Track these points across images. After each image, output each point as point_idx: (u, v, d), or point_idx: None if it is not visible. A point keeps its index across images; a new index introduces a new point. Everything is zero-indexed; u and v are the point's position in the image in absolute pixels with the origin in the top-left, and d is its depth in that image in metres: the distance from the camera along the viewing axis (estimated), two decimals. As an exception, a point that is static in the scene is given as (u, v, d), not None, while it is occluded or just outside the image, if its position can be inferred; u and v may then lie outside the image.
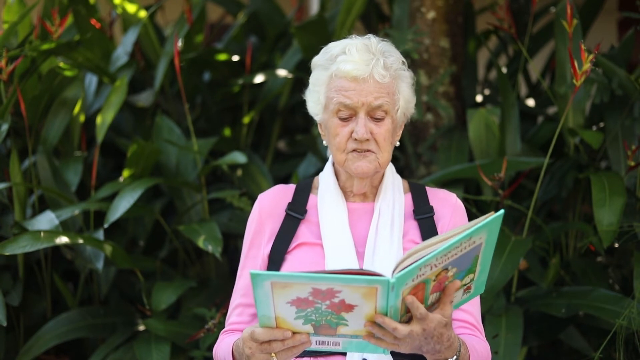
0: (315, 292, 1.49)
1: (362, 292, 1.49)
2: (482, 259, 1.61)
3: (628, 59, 3.07)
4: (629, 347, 2.46)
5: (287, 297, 1.51)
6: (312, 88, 1.94)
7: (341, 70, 1.84)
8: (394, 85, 1.87)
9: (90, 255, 2.71)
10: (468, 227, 1.54)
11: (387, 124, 1.86)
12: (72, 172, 2.99)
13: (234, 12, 3.96)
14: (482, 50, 3.75)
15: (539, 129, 3.13)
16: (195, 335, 2.59)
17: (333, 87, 1.87)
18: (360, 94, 1.83)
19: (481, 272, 1.63)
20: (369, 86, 1.83)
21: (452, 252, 1.52)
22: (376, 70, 1.84)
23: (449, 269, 1.55)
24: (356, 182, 1.94)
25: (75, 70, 3.04)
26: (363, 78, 1.83)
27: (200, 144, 3.11)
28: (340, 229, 1.89)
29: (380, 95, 1.84)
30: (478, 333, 1.89)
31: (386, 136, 1.86)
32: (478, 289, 1.67)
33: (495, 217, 1.55)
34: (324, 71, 1.89)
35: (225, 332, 1.95)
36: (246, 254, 1.97)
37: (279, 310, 1.54)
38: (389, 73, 1.86)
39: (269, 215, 1.96)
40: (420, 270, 1.50)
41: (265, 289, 1.50)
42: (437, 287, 1.57)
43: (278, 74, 3.33)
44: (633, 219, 2.61)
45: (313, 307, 1.52)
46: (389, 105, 1.86)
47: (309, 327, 1.56)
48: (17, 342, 2.84)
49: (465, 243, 1.54)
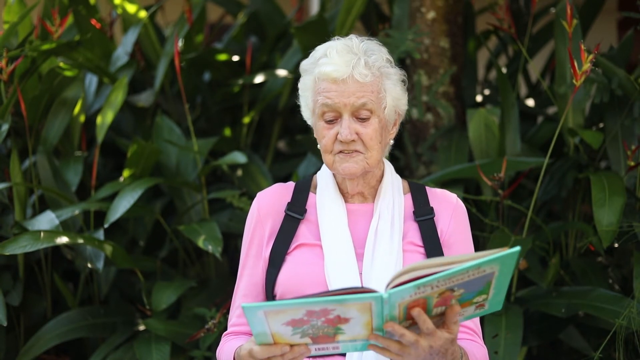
0: (310, 312, 1.49)
1: (357, 308, 1.49)
2: (496, 284, 1.56)
3: (628, 59, 3.07)
4: (629, 347, 2.46)
5: (282, 320, 1.51)
6: (301, 93, 1.95)
7: (322, 72, 1.84)
8: (377, 83, 1.86)
9: (91, 255, 2.71)
10: (478, 257, 1.49)
11: (373, 123, 1.85)
12: (72, 172, 2.99)
13: (234, 12, 3.97)
14: (482, 50, 3.75)
15: (538, 129, 3.14)
16: (195, 335, 2.59)
17: (317, 90, 1.87)
18: (342, 95, 1.83)
19: (496, 294, 1.59)
20: (350, 87, 1.83)
21: (456, 277, 1.49)
22: (357, 70, 1.83)
23: (454, 289, 1.52)
24: (349, 183, 1.93)
25: (76, 70, 3.04)
26: (343, 79, 1.82)
27: (200, 144, 3.12)
28: (339, 231, 1.88)
29: (362, 94, 1.83)
30: (477, 337, 1.89)
31: (373, 135, 1.85)
32: (494, 306, 1.62)
33: (509, 253, 1.50)
34: (309, 75, 1.90)
35: (228, 334, 1.94)
36: (246, 253, 1.96)
37: (275, 330, 1.53)
38: (371, 72, 1.85)
39: (267, 214, 1.95)
40: (418, 289, 1.48)
41: (259, 317, 1.49)
42: (442, 302, 1.55)
43: (278, 74, 3.33)
44: (633, 219, 2.61)
45: (309, 324, 1.52)
46: (374, 104, 1.84)
47: (307, 339, 1.55)
48: (17, 342, 2.84)
49: (474, 271, 1.50)
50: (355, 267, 1.83)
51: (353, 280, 1.81)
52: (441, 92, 3.27)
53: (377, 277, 1.80)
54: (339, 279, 1.81)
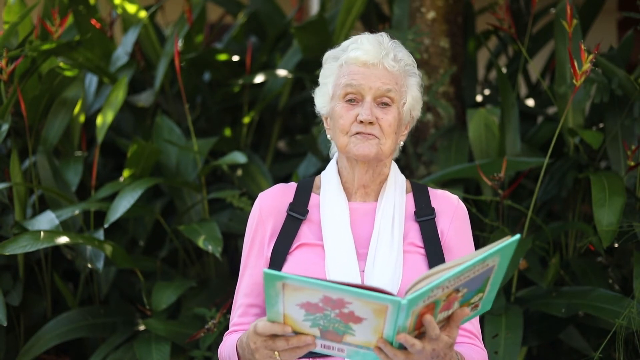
0: (326, 299, 1.49)
1: (373, 308, 1.49)
2: (493, 280, 1.60)
3: (628, 59, 3.07)
4: (629, 347, 2.47)
5: (297, 300, 1.50)
6: (321, 81, 1.96)
7: (351, 57, 1.87)
8: (402, 78, 1.89)
9: (91, 255, 2.71)
10: (483, 251, 1.52)
11: (393, 111, 1.87)
12: (72, 172, 2.99)
13: (234, 12, 3.97)
14: (482, 50, 3.75)
15: (538, 129, 3.14)
16: (195, 335, 2.59)
17: (342, 73, 1.89)
18: (369, 78, 1.85)
19: (490, 291, 1.63)
20: (378, 72, 1.86)
21: (465, 275, 1.52)
22: (386, 59, 1.86)
23: (459, 289, 1.55)
24: (357, 172, 1.92)
25: (76, 70, 3.04)
26: (373, 63, 1.86)
27: (200, 144, 3.12)
28: (341, 230, 1.88)
29: (389, 81, 1.86)
30: (476, 341, 1.89)
31: (392, 122, 1.86)
32: (485, 306, 1.67)
33: (510, 242, 1.54)
34: (334, 61, 1.92)
35: (229, 334, 1.94)
36: (248, 253, 1.96)
37: (288, 310, 1.53)
38: (399, 65, 1.88)
39: (269, 215, 1.95)
40: (432, 292, 1.50)
41: (277, 289, 1.49)
42: (447, 306, 1.56)
43: (278, 74, 3.33)
44: (633, 219, 2.61)
45: (322, 313, 1.51)
46: (396, 93, 1.87)
47: (315, 331, 1.55)
48: (17, 342, 2.84)
49: (479, 266, 1.53)
50: (356, 266, 1.83)
51: (354, 281, 1.81)
52: (441, 92, 3.27)
53: (377, 277, 1.80)
54: (339, 278, 1.80)
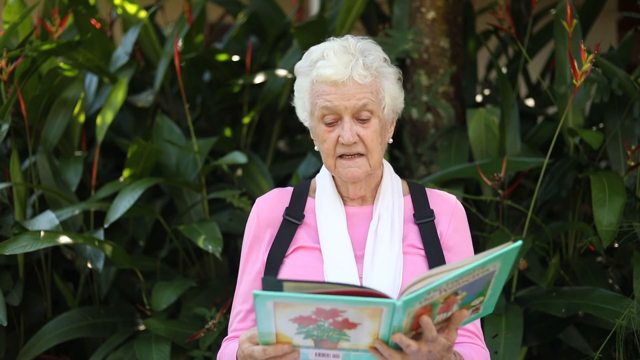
0: (319, 311, 1.48)
1: (367, 313, 1.48)
2: (494, 284, 1.59)
3: (628, 59, 3.07)
4: (629, 347, 2.46)
5: (290, 315, 1.50)
6: (297, 95, 1.94)
7: (321, 75, 1.84)
8: (376, 83, 1.86)
9: (91, 255, 2.71)
10: (483, 256, 1.51)
11: (373, 124, 1.85)
12: (72, 172, 2.99)
13: (234, 12, 3.97)
14: (482, 50, 3.75)
15: (538, 129, 3.14)
16: (195, 335, 2.59)
17: (315, 93, 1.86)
18: (343, 98, 1.82)
19: (492, 295, 1.62)
20: (350, 89, 1.82)
21: (463, 279, 1.51)
22: (355, 71, 1.82)
23: (458, 292, 1.54)
24: (351, 187, 1.93)
25: (76, 70, 3.04)
26: (343, 81, 1.82)
27: (200, 144, 3.12)
28: (338, 233, 1.87)
29: (362, 95, 1.83)
30: (478, 340, 1.89)
31: (374, 137, 1.85)
32: (487, 309, 1.65)
33: (511, 248, 1.53)
34: (306, 77, 1.89)
35: (229, 340, 1.93)
36: (246, 258, 1.96)
37: (280, 326, 1.52)
38: (370, 72, 1.84)
39: (267, 220, 1.95)
40: (428, 294, 1.49)
41: (268, 308, 1.48)
42: (445, 308, 1.56)
43: (278, 74, 3.33)
44: (633, 219, 2.61)
45: (315, 324, 1.51)
46: (374, 104, 1.84)
47: (309, 342, 1.55)
48: (17, 342, 2.84)
49: (479, 270, 1.52)
50: (354, 269, 1.83)
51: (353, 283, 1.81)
52: (441, 92, 3.27)
53: (377, 280, 1.80)
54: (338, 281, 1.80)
